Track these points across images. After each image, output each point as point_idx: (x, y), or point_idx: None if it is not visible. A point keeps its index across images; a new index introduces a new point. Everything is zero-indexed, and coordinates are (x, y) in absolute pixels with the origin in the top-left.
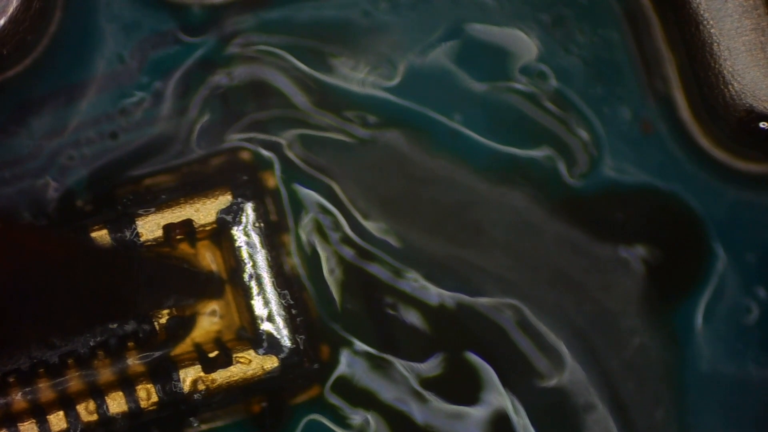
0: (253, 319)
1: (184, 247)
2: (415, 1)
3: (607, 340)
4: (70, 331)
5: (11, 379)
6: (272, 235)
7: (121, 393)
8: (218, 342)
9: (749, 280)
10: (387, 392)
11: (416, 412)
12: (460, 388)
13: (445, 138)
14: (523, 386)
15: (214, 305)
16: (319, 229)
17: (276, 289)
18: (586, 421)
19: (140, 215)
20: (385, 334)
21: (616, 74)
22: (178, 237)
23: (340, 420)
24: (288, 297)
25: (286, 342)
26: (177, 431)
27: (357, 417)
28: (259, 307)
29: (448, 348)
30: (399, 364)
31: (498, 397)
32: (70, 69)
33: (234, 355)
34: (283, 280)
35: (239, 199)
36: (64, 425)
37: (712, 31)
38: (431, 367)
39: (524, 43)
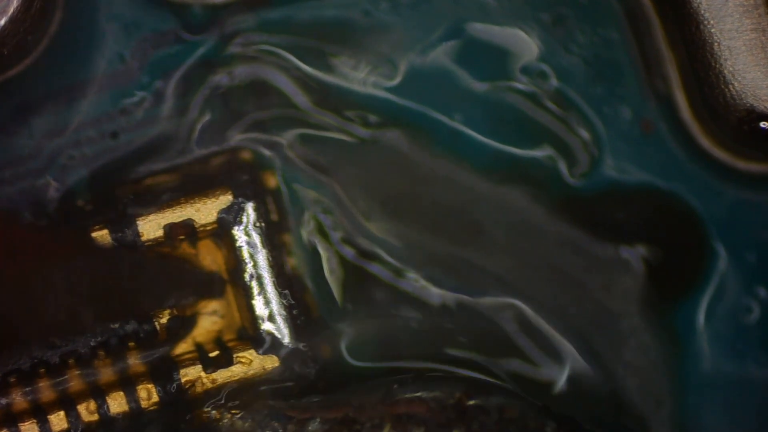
0: (254, 319)
1: (185, 247)
2: (415, 1)
3: (607, 340)
4: (70, 330)
5: (12, 379)
6: (273, 235)
7: (121, 393)
8: (219, 342)
9: (750, 280)
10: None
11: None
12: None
13: (445, 138)
14: (523, 386)
15: (214, 305)
16: (320, 229)
17: (277, 289)
18: (586, 420)
19: (141, 215)
20: (386, 334)
21: (616, 74)
22: (179, 237)
23: None
24: (289, 297)
25: (287, 342)
26: (177, 431)
27: None
28: (259, 307)
29: (448, 347)
30: (400, 363)
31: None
32: (71, 69)
33: (235, 355)
34: (284, 279)
35: (240, 199)
36: (64, 425)
37: (712, 30)
38: (431, 367)
39: (525, 43)
